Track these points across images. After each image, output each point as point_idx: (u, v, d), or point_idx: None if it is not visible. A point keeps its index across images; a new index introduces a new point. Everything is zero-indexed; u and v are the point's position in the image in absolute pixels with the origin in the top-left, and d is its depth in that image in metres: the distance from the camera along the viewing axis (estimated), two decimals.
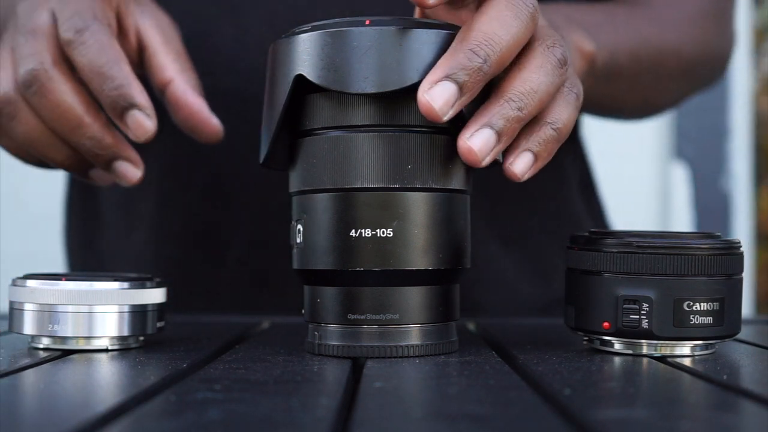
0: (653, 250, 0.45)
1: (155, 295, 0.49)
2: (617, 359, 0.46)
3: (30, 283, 0.47)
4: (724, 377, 0.42)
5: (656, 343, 0.46)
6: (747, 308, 2.14)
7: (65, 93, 0.51)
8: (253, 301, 0.70)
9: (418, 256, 0.45)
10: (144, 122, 0.51)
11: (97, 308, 0.47)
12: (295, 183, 0.48)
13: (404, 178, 0.45)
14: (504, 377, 0.41)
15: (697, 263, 0.45)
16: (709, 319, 0.46)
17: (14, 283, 0.48)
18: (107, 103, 0.51)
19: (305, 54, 0.45)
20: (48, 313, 0.47)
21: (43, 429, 0.32)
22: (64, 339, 0.47)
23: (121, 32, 0.55)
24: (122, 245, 0.74)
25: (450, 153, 0.45)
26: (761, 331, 0.61)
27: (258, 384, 0.39)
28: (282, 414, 0.33)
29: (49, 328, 0.47)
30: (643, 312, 0.45)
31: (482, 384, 0.40)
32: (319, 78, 0.44)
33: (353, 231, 0.45)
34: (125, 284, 0.48)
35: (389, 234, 0.45)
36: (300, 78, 0.45)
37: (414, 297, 0.46)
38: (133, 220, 0.73)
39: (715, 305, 0.46)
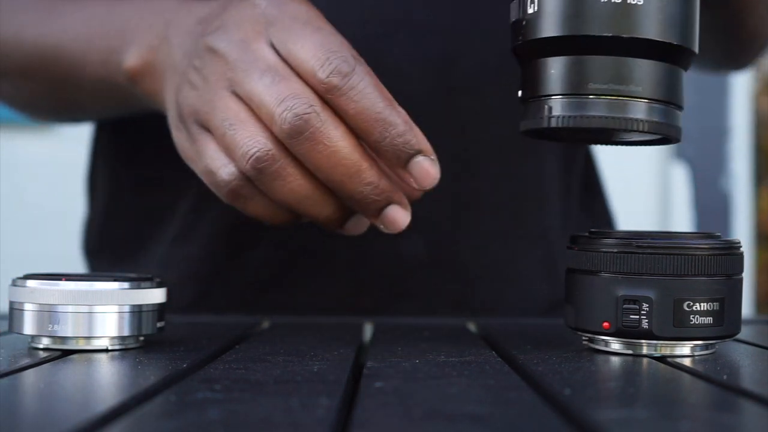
0: (653, 250, 0.45)
1: (155, 295, 0.49)
2: (617, 359, 0.46)
3: (30, 283, 0.47)
4: (724, 377, 0.42)
5: (656, 343, 0.46)
6: (747, 308, 2.14)
7: (340, 138, 0.47)
8: (277, 301, 0.70)
9: (666, 28, 0.44)
10: (431, 169, 0.48)
11: (97, 308, 0.47)
12: None
13: None
14: (504, 377, 0.41)
15: (697, 263, 0.45)
16: (709, 319, 0.46)
17: (14, 283, 0.48)
18: (389, 152, 0.47)
19: None
20: (48, 313, 0.47)
21: (43, 429, 0.32)
22: (64, 339, 0.47)
23: None
24: (147, 245, 0.73)
25: None
26: (761, 331, 0.61)
27: (258, 384, 0.39)
28: (282, 414, 0.33)
29: (49, 328, 0.47)
30: (643, 312, 0.45)
31: (482, 384, 0.40)
32: None
33: None
34: (125, 284, 0.48)
35: (640, 2, 0.44)
36: None
37: (656, 71, 0.45)
38: (162, 220, 0.72)
39: (715, 305, 0.46)
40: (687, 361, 0.46)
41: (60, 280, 0.47)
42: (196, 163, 0.52)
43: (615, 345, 0.47)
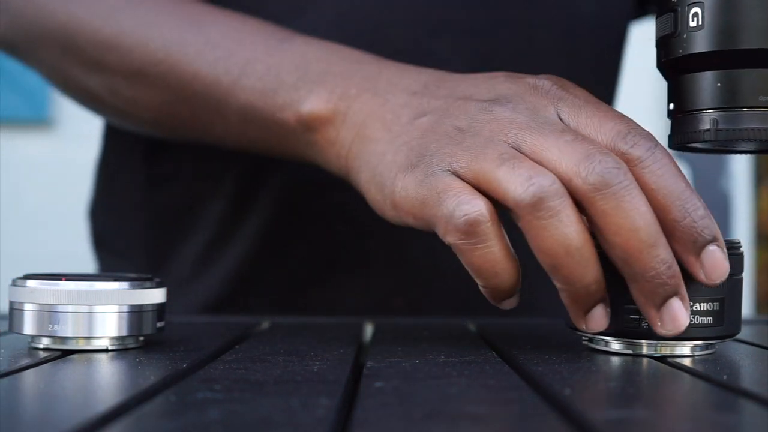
0: None
1: (155, 295, 0.49)
2: (617, 359, 0.46)
3: (30, 283, 0.48)
4: (724, 377, 0.42)
5: (656, 344, 0.46)
6: (747, 308, 2.14)
7: (645, 203, 0.43)
8: (314, 301, 0.70)
9: None
10: (723, 262, 0.44)
11: (97, 308, 0.47)
12: None
13: None
14: (504, 377, 0.41)
15: None
16: (709, 320, 0.46)
17: (14, 283, 0.48)
18: (686, 234, 0.43)
19: None
20: (48, 313, 0.47)
21: (43, 429, 0.32)
22: (64, 339, 0.47)
23: None
24: (180, 245, 0.73)
25: None
26: (761, 331, 0.61)
27: (258, 384, 0.39)
28: (282, 414, 0.33)
29: (49, 328, 0.47)
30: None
31: (482, 384, 0.40)
32: None
33: None
34: (125, 284, 0.48)
35: None
36: None
37: None
38: (196, 221, 0.72)
39: (715, 305, 0.46)
40: (687, 361, 0.46)
41: (60, 280, 0.47)
42: (423, 208, 0.47)
43: (615, 345, 0.47)
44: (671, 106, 0.48)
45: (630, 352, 0.47)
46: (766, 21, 0.44)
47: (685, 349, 0.47)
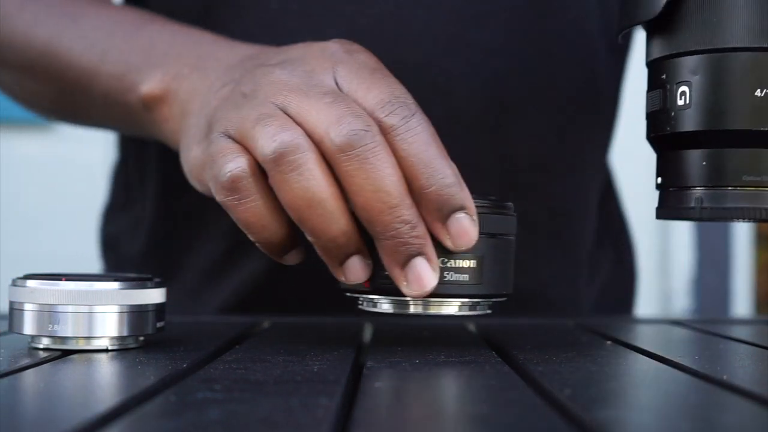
0: None
1: (155, 295, 0.49)
2: (618, 360, 0.46)
3: (30, 283, 0.48)
4: (725, 377, 0.42)
5: (422, 302, 0.46)
6: (746, 308, 2.14)
7: (390, 165, 0.44)
8: (322, 305, 0.70)
9: None
10: (470, 229, 0.45)
11: (97, 308, 0.47)
12: (677, 44, 0.47)
13: None
14: (504, 377, 0.41)
15: None
16: (464, 277, 0.46)
17: (14, 283, 0.48)
18: (432, 201, 0.45)
19: None
20: (48, 313, 0.47)
21: (43, 429, 0.32)
22: (64, 339, 0.47)
23: None
24: (194, 255, 0.73)
25: None
26: (761, 331, 0.61)
27: (258, 384, 0.39)
28: (282, 414, 0.33)
29: (49, 328, 0.47)
30: None
31: (482, 384, 0.40)
32: None
33: (759, 90, 0.45)
34: (125, 284, 0.48)
35: None
36: None
37: None
38: (209, 230, 0.72)
39: (472, 263, 0.46)
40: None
41: (60, 280, 0.47)
42: (202, 171, 0.50)
43: (385, 305, 0.47)
44: (659, 180, 0.49)
45: (399, 311, 0.47)
46: (751, 103, 0.45)
47: (452, 308, 0.47)
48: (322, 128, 0.45)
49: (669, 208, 0.48)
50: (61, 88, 0.65)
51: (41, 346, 0.48)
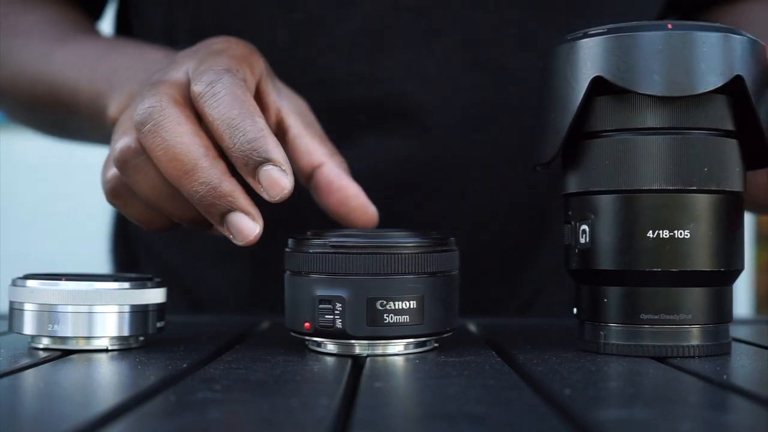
0: (345, 250, 0.46)
1: (155, 295, 0.49)
2: (617, 360, 0.46)
3: (30, 283, 0.48)
4: (724, 377, 0.42)
5: (367, 343, 0.46)
6: (747, 308, 2.14)
7: (181, 134, 0.47)
8: None
9: (713, 257, 0.46)
10: (280, 179, 0.46)
11: (97, 308, 0.47)
12: (578, 183, 0.48)
13: (701, 180, 0.46)
14: (504, 377, 0.41)
15: (391, 262, 0.45)
16: (405, 318, 0.46)
17: (14, 283, 0.48)
18: (238, 159, 0.47)
19: (603, 56, 0.46)
20: (48, 313, 0.47)
21: (43, 429, 0.32)
22: (64, 339, 0.47)
23: (262, 108, 0.53)
24: (211, 275, 0.74)
25: (735, 155, 0.47)
26: (761, 331, 0.61)
27: (258, 384, 0.39)
28: (282, 414, 0.33)
29: (49, 328, 0.47)
30: (336, 312, 0.46)
31: (482, 384, 0.40)
32: (622, 80, 0.46)
33: (650, 232, 0.46)
34: (125, 284, 0.48)
35: (686, 235, 0.46)
36: (595, 79, 0.46)
37: (704, 297, 0.47)
38: (234, 254, 0.72)
39: (412, 304, 0.46)
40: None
41: (60, 280, 0.47)
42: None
43: (330, 347, 0.47)
44: (574, 310, 0.50)
45: (344, 352, 0.47)
46: (651, 243, 0.46)
47: (397, 347, 0.47)
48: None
49: (581, 340, 0.49)
50: (55, 120, 0.70)
51: (41, 346, 0.48)
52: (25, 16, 0.70)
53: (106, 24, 0.77)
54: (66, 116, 0.66)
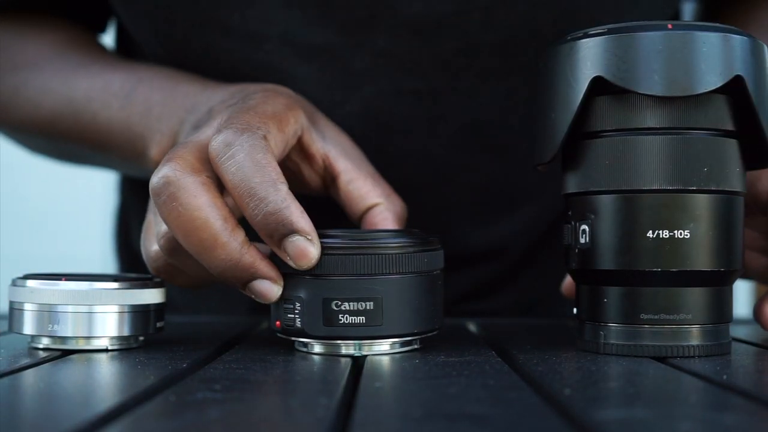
0: None
1: (155, 295, 0.49)
2: (617, 361, 0.46)
3: (30, 283, 0.48)
4: (724, 377, 0.42)
5: (353, 343, 0.47)
6: (747, 308, 2.14)
7: (198, 208, 0.45)
8: None
9: (713, 257, 0.46)
10: (307, 249, 0.45)
11: (97, 308, 0.47)
12: (578, 183, 0.48)
13: (700, 180, 0.46)
14: (504, 377, 0.41)
15: (345, 263, 0.46)
16: (361, 319, 0.46)
17: (14, 283, 0.48)
18: (262, 229, 0.45)
19: (603, 56, 0.46)
20: (48, 313, 0.47)
21: (43, 429, 0.32)
22: (63, 339, 0.47)
23: (308, 159, 0.53)
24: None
25: (735, 156, 0.47)
26: (761, 331, 0.61)
27: (258, 384, 0.39)
28: (282, 414, 0.33)
29: (49, 328, 0.47)
30: (296, 311, 0.46)
31: (482, 384, 0.40)
32: (622, 80, 0.45)
33: (650, 232, 0.46)
34: (125, 284, 0.48)
35: (686, 235, 0.46)
36: (595, 79, 0.46)
37: (704, 297, 0.47)
38: None
39: (369, 305, 0.46)
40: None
41: (60, 280, 0.47)
42: None
43: (317, 347, 0.47)
44: (575, 310, 0.50)
45: (332, 353, 0.47)
46: (651, 244, 0.46)
47: (383, 347, 0.47)
48: None
49: (581, 340, 0.49)
50: (78, 155, 0.68)
51: (41, 346, 0.48)
52: (28, 46, 0.68)
53: (108, 38, 0.76)
54: (94, 153, 0.65)
